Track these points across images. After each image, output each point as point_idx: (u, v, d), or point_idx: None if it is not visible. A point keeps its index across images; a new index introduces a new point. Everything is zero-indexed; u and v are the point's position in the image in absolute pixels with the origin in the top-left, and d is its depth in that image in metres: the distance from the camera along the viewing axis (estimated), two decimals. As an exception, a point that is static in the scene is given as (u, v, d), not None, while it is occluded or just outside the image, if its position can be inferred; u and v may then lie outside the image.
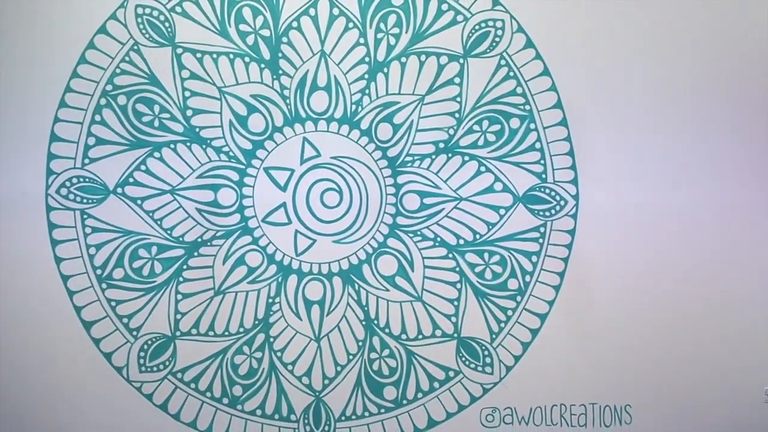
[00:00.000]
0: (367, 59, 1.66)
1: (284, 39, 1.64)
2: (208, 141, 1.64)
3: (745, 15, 1.73)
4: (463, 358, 1.71)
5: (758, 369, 1.78)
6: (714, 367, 1.76)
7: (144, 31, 1.61)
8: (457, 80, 1.67)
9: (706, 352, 1.76)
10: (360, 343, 1.69)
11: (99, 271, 1.62)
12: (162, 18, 1.61)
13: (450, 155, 1.68)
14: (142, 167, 1.62)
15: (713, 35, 1.73)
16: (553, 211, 1.71)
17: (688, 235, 1.74)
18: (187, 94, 1.62)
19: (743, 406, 1.78)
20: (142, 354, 1.63)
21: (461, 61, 1.67)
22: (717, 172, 1.74)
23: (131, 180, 1.62)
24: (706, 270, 1.75)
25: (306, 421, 1.68)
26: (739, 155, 1.75)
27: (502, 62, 1.68)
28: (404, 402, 1.70)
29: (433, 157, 1.68)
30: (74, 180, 1.61)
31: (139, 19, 1.61)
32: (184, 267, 1.64)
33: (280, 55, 1.64)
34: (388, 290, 1.69)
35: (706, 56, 1.73)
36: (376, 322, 1.69)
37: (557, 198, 1.71)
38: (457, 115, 1.68)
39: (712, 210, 1.74)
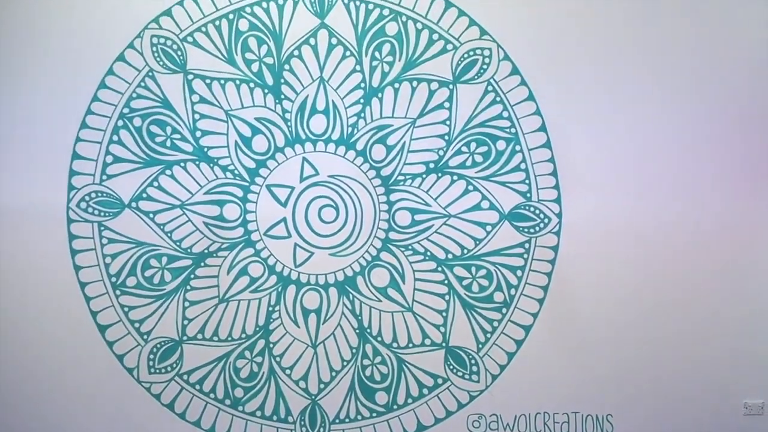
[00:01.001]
0: (362, 85, 1.77)
1: (286, 66, 1.76)
2: (216, 160, 1.76)
3: (722, 40, 1.81)
4: (451, 367, 1.79)
5: (738, 382, 1.84)
6: (695, 379, 1.83)
7: (158, 59, 1.75)
8: (446, 105, 1.78)
9: (688, 364, 1.82)
10: (354, 350, 1.79)
11: (114, 279, 1.75)
12: (175, 47, 1.75)
13: (440, 175, 1.78)
14: (155, 183, 1.75)
15: (696, 61, 1.81)
16: (537, 228, 1.79)
17: (669, 252, 1.81)
18: (197, 116, 1.75)
19: (724, 417, 1.83)
20: (151, 356, 1.75)
21: (451, 86, 1.78)
22: (697, 191, 1.81)
23: (145, 195, 1.75)
24: (687, 285, 1.81)
25: (302, 423, 1.78)
26: (715, 174, 1.82)
27: (490, 88, 1.78)
28: (395, 407, 1.79)
29: (424, 176, 1.78)
30: (93, 195, 1.74)
31: (154, 48, 1.74)
32: (192, 276, 1.76)
33: (282, 81, 1.76)
34: (380, 301, 1.79)
35: (689, 80, 1.81)
36: (369, 330, 1.79)
37: (541, 216, 1.79)
38: (446, 137, 1.78)
39: (692, 227, 1.81)
